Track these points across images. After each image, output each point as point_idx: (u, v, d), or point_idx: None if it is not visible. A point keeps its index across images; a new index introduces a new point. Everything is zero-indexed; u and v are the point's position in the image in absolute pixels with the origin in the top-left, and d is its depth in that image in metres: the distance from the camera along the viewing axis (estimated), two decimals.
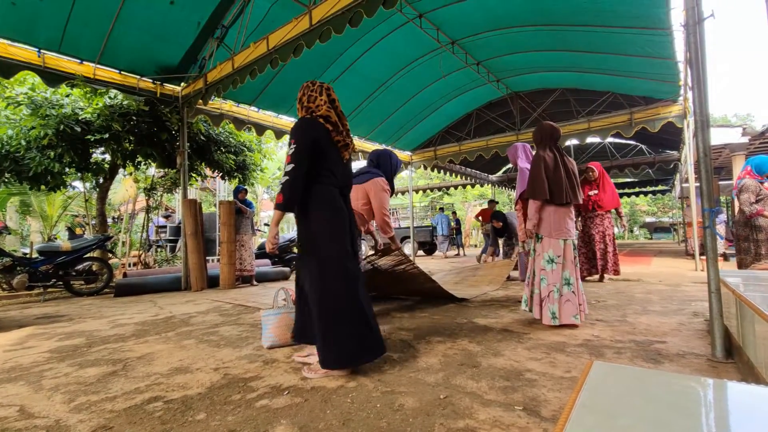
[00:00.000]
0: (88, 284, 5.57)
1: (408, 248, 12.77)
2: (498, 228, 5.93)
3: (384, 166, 3.04)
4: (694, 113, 2.22)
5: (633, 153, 12.18)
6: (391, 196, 3.03)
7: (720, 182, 10.59)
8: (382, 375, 1.93)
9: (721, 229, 8.39)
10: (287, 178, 1.86)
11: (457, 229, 13.60)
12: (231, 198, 6.01)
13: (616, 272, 4.95)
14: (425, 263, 9.75)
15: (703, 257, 2.93)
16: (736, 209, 4.10)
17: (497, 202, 10.12)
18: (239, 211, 5.92)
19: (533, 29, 5.68)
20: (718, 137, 7.98)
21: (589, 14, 4.97)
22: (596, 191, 4.96)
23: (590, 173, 5.01)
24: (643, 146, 11.81)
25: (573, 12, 5.03)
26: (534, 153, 3.07)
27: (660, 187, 18.06)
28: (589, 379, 0.74)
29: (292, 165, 1.87)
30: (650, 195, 23.56)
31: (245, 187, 6.68)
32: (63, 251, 5.21)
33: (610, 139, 10.62)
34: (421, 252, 13.49)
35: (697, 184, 2.20)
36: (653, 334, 2.51)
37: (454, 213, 15.26)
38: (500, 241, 6.24)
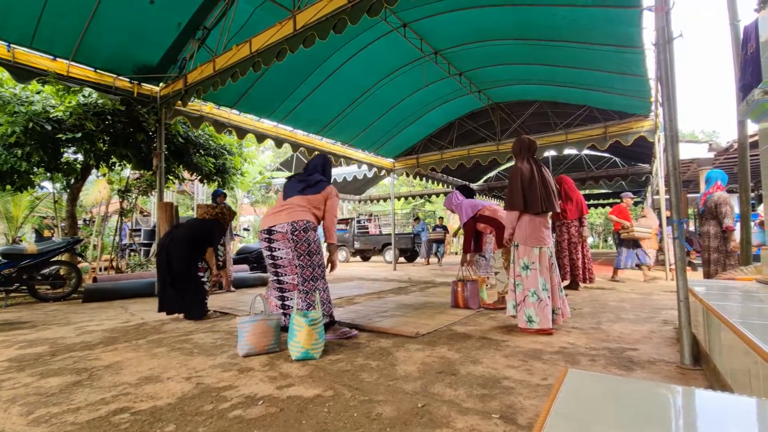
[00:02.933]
0: (55, 289, 5.31)
1: (389, 255, 12.76)
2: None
3: (328, 173, 3.10)
4: (664, 128, 2.32)
5: (608, 165, 12.59)
6: None
7: (689, 195, 11.05)
8: (360, 383, 1.90)
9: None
10: None
11: (440, 240, 12.77)
12: (209, 201, 5.87)
13: (591, 280, 5.15)
14: (406, 270, 9.76)
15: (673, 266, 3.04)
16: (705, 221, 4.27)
17: None
18: None
19: (514, 42, 5.82)
20: (686, 152, 8.35)
21: (567, 30, 5.14)
22: (561, 201, 5.22)
23: (558, 185, 5.28)
24: (617, 159, 12.23)
25: (552, 27, 5.19)
26: (513, 165, 3.30)
27: (633, 199, 18.70)
28: (563, 387, 0.74)
29: None
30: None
31: (224, 191, 6.54)
32: (28, 254, 4.95)
33: (586, 151, 10.96)
34: (402, 259, 13.50)
35: (668, 196, 2.29)
36: (626, 342, 2.58)
37: (440, 219, 14.91)
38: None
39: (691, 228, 10.14)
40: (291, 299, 2.71)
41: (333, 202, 2.88)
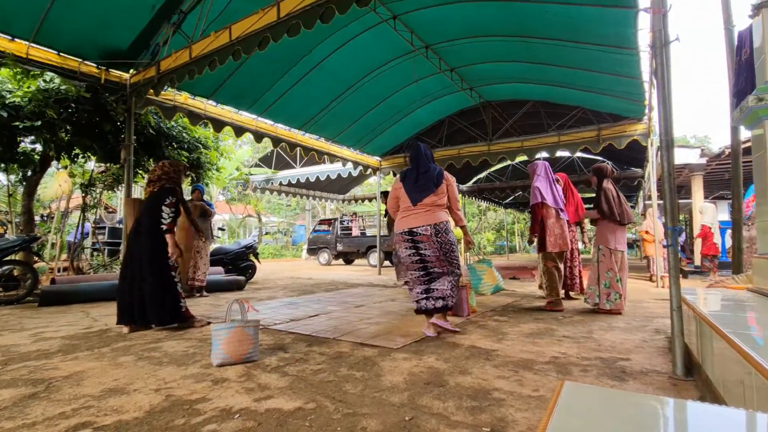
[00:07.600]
0: (7, 291, 5.10)
1: (374, 258, 12.73)
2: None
3: (432, 157, 3.40)
4: (659, 133, 2.38)
5: None
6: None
7: (680, 201, 11.42)
8: (344, 395, 1.89)
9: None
10: None
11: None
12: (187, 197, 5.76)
13: (581, 289, 5.11)
14: (391, 274, 9.76)
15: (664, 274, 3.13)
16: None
17: None
18: (204, 213, 5.68)
19: (507, 39, 5.90)
20: (678, 157, 8.61)
21: (561, 28, 5.24)
22: (565, 204, 5.14)
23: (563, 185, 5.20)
24: (610, 162, 12.53)
25: (546, 25, 5.28)
26: (602, 185, 4.20)
27: None
28: (560, 400, 0.75)
29: None
30: None
31: (203, 186, 6.44)
32: None
33: (578, 154, 11.19)
34: (387, 263, 13.50)
35: (660, 202, 2.35)
36: (618, 351, 2.64)
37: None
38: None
39: (682, 236, 10.48)
40: (440, 284, 3.07)
41: (453, 187, 3.23)
